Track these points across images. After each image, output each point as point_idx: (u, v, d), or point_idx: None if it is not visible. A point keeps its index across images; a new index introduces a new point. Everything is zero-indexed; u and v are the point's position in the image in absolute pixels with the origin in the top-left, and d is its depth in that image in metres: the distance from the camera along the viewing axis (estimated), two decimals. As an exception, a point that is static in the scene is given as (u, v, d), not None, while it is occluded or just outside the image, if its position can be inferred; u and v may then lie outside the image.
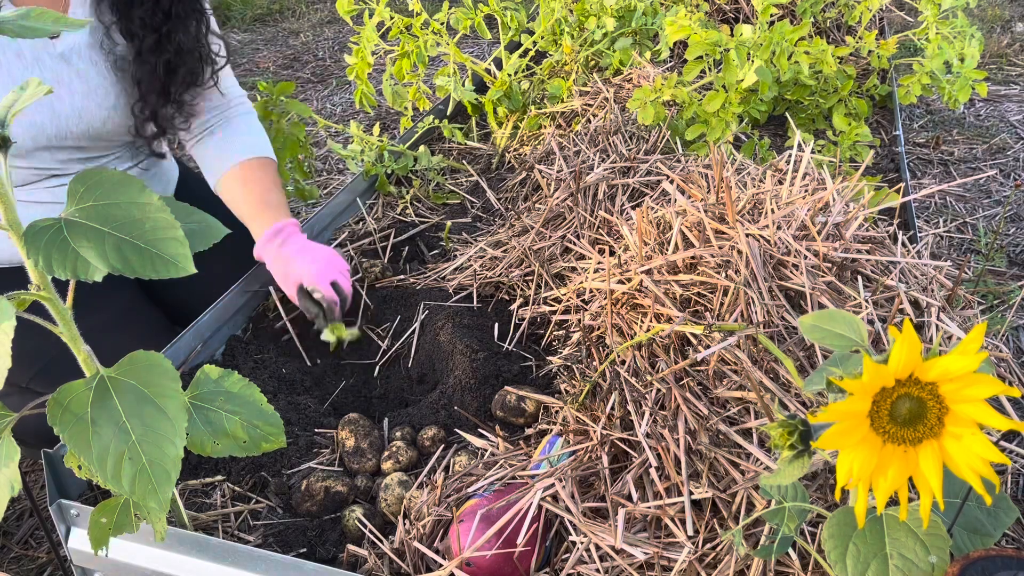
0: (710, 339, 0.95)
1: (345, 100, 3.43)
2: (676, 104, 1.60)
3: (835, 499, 0.81)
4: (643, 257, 1.08)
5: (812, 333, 0.67)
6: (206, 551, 0.89)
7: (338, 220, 1.61)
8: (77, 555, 0.95)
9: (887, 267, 1.07)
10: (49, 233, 0.65)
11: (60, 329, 0.74)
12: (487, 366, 1.18)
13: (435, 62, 3.48)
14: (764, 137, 1.65)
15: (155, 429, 0.68)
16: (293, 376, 1.24)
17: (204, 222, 0.82)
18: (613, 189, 1.38)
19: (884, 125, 1.93)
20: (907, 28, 2.02)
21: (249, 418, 0.83)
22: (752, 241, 1.01)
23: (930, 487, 0.56)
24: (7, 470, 0.72)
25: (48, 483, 0.94)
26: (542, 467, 0.95)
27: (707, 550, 0.85)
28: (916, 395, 0.56)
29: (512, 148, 1.77)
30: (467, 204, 1.65)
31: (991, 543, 0.70)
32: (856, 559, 0.63)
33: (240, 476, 1.05)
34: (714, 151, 1.15)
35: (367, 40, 1.72)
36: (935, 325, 1.00)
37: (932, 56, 1.72)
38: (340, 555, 0.95)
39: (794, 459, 0.63)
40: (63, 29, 0.65)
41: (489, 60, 1.88)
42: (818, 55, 1.58)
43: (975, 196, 2.44)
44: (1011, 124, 2.85)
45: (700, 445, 0.89)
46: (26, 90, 0.68)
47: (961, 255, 2.17)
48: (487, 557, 0.85)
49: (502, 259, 1.37)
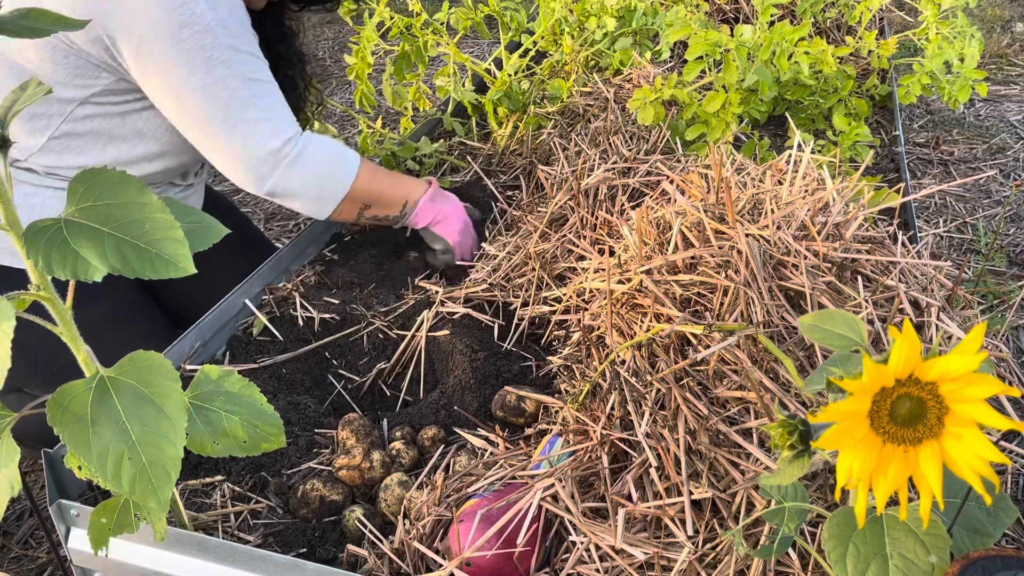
0: (710, 339, 0.95)
1: (345, 100, 3.43)
2: (676, 104, 1.60)
3: (835, 499, 0.81)
4: (643, 257, 1.08)
5: (812, 333, 0.67)
6: (206, 551, 0.89)
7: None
8: (77, 555, 0.95)
9: (887, 267, 1.07)
10: (49, 233, 0.65)
11: (60, 329, 0.74)
12: (487, 366, 1.18)
13: (435, 62, 3.48)
14: (764, 137, 1.65)
15: (155, 429, 0.68)
16: (293, 376, 1.24)
17: (204, 222, 0.82)
18: (613, 189, 1.38)
19: (884, 125, 1.93)
20: (907, 28, 2.02)
21: (249, 418, 0.83)
22: (752, 241, 1.01)
23: (930, 487, 0.56)
24: (7, 470, 0.72)
25: (48, 483, 0.94)
26: (542, 467, 0.95)
27: (707, 550, 0.85)
28: (916, 395, 0.56)
29: (512, 148, 1.77)
30: (470, 202, 1.65)
31: (991, 543, 0.70)
32: (856, 559, 0.63)
33: (240, 476, 1.05)
34: (714, 151, 1.15)
35: (367, 40, 1.72)
36: (935, 325, 1.00)
37: (932, 56, 1.72)
38: (340, 555, 0.95)
39: (794, 459, 0.62)
40: (63, 29, 0.65)
41: (489, 60, 1.88)
42: (818, 55, 1.58)
43: (975, 196, 2.44)
44: (1011, 124, 2.85)
45: (700, 445, 0.89)
46: (26, 90, 0.68)
47: (961, 255, 2.17)
48: (487, 557, 0.85)
49: (506, 261, 1.37)
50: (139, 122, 1.31)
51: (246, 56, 1.23)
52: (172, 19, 1.16)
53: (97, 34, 1.19)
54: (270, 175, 1.26)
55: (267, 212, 2.70)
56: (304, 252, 1.52)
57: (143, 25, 1.16)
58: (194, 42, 1.17)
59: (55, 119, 1.27)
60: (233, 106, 1.22)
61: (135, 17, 1.16)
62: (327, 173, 1.31)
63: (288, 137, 1.27)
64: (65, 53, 1.22)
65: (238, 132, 1.23)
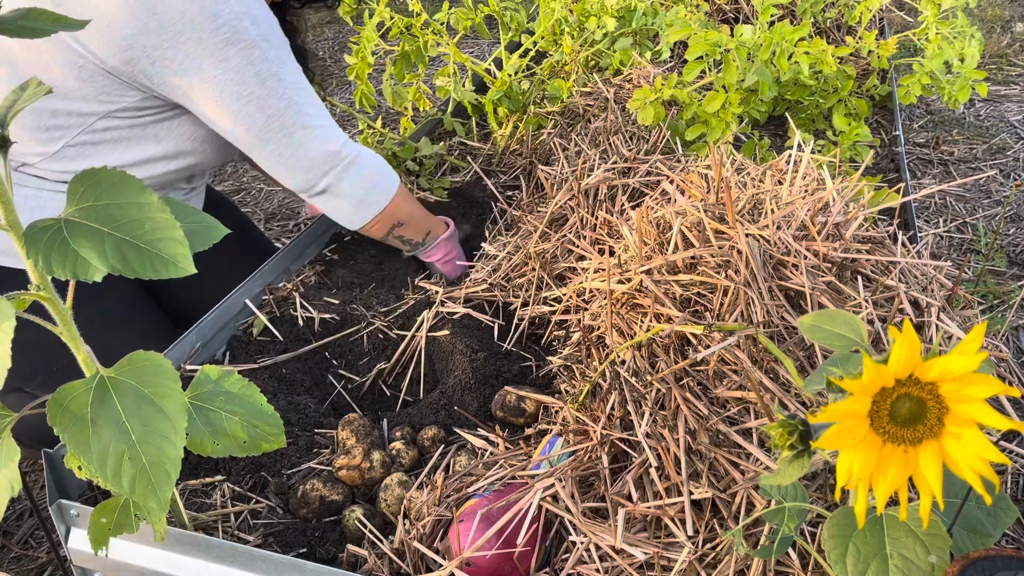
0: (710, 339, 0.95)
1: (345, 100, 3.43)
2: (676, 104, 1.60)
3: (835, 499, 0.81)
4: (643, 257, 1.08)
5: (812, 333, 0.67)
6: (206, 551, 0.89)
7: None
8: (77, 555, 0.95)
9: (887, 267, 1.07)
10: (49, 233, 0.65)
11: (60, 329, 0.74)
12: (487, 366, 1.18)
13: (435, 62, 3.48)
14: (764, 137, 1.65)
15: (155, 429, 0.68)
16: (293, 376, 1.24)
17: (204, 222, 0.82)
18: (613, 189, 1.38)
19: (884, 125, 1.93)
20: (907, 28, 2.02)
21: (249, 418, 0.83)
22: (752, 241, 1.01)
23: (930, 487, 0.56)
24: (7, 470, 0.72)
25: (48, 483, 0.94)
26: (542, 467, 0.95)
27: (707, 550, 0.85)
28: (916, 395, 0.56)
29: (512, 148, 1.77)
30: (470, 202, 1.65)
31: (991, 543, 0.70)
32: (856, 559, 0.63)
33: (240, 476, 1.05)
34: (714, 151, 1.15)
35: (367, 40, 1.72)
36: (935, 325, 1.00)
37: (932, 56, 1.72)
38: (340, 555, 0.95)
39: (794, 459, 0.62)
40: (63, 29, 0.65)
41: (489, 60, 1.88)
42: (818, 55, 1.58)
43: (975, 196, 2.44)
44: (1011, 124, 2.85)
45: (700, 445, 0.89)
46: (26, 90, 0.68)
47: (961, 255, 2.17)
48: (487, 557, 0.85)
49: (506, 261, 1.37)
50: (160, 130, 1.32)
51: (291, 65, 1.27)
52: (216, 38, 1.18)
53: (134, 54, 1.19)
54: (327, 174, 1.30)
55: (267, 212, 2.70)
56: (304, 252, 1.52)
57: (188, 45, 1.18)
58: (241, 58, 1.20)
59: (72, 130, 1.27)
60: (290, 114, 1.25)
61: (179, 38, 1.17)
62: (376, 182, 1.36)
63: (344, 140, 1.32)
64: (93, 72, 1.22)
65: (297, 137, 1.27)
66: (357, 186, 1.33)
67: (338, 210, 1.36)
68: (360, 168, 1.32)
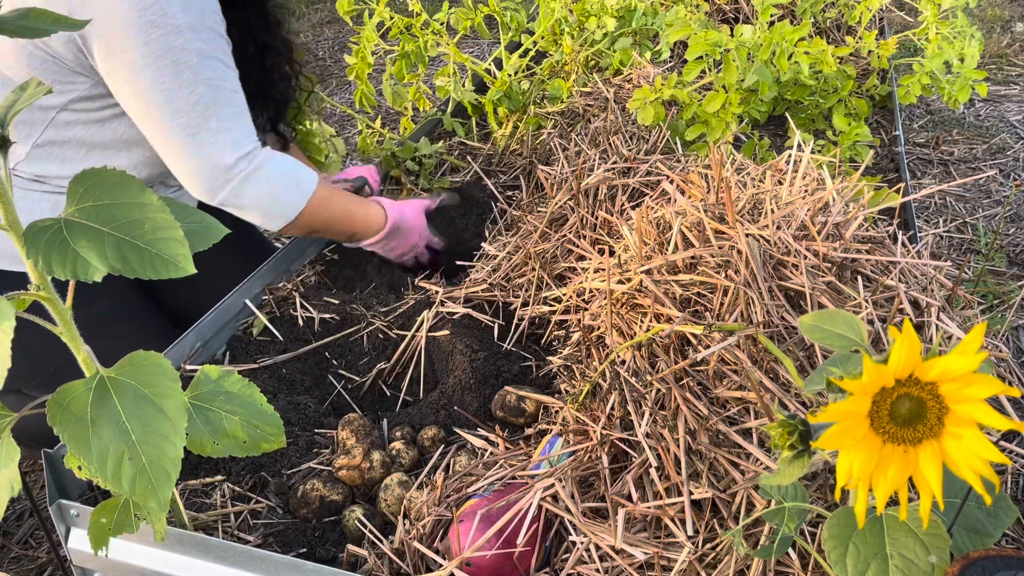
0: (710, 339, 0.95)
1: (345, 100, 3.43)
2: (676, 104, 1.60)
3: (835, 499, 0.81)
4: (643, 257, 1.08)
5: (812, 333, 0.67)
6: (206, 551, 0.89)
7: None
8: (77, 555, 0.95)
9: (887, 267, 1.07)
10: (49, 233, 0.65)
11: (60, 329, 0.74)
12: (487, 366, 1.18)
13: (435, 62, 3.48)
14: (764, 137, 1.65)
15: (155, 429, 0.68)
16: (293, 376, 1.24)
17: (204, 222, 0.82)
18: (613, 189, 1.38)
19: (884, 125, 1.93)
20: (907, 28, 2.02)
21: (249, 418, 0.83)
22: (752, 241, 1.01)
23: (930, 487, 0.56)
24: (7, 470, 0.72)
25: (48, 483, 0.94)
26: (542, 467, 0.95)
27: (707, 550, 0.85)
28: (916, 395, 0.56)
29: (512, 148, 1.77)
30: (470, 202, 1.65)
31: (991, 543, 0.70)
32: (856, 559, 0.63)
33: (240, 476, 1.05)
34: (714, 151, 1.15)
35: (367, 40, 1.72)
36: (935, 325, 1.00)
37: (932, 56, 1.72)
38: (340, 555, 0.95)
39: (794, 459, 0.62)
40: (63, 29, 0.65)
41: (489, 60, 1.88)
42: (818, 55, 1.58)
43: (975, 196, 2.44)
44: (1011, 124, 2.85)
45: (700, 445, 0.89)
46: (26, 90, 0.68)
47: (961, 255, 2.17)
48: (487, 557, 0.85)
49: (506, 261, 1.37)
50: (120, 127, 1.31)
51: (215, 62, 1.22)
52: (142, 18, 1.14)
53: (70, 35, 1.17)
54: (222, 188, 1.25)
55: (267, 212, 2.69)
56: (304, 252, 1.52)
57: (112, 24, 1.15)
58: (163, 43, 1.15)
59: (37, 126, 1.27)
60: (196, 112, 1.20)
61: (105, 16, 1.15)
62: (279, 194, 1.30)
63: (245, 152, 1.26)
64: (42, 59, 1.21)
65: (197, 141, 1.22)
66: (258, 199, 1.28)
67: (251, 220, 1.32)
68: (259, 182, 1.27)
